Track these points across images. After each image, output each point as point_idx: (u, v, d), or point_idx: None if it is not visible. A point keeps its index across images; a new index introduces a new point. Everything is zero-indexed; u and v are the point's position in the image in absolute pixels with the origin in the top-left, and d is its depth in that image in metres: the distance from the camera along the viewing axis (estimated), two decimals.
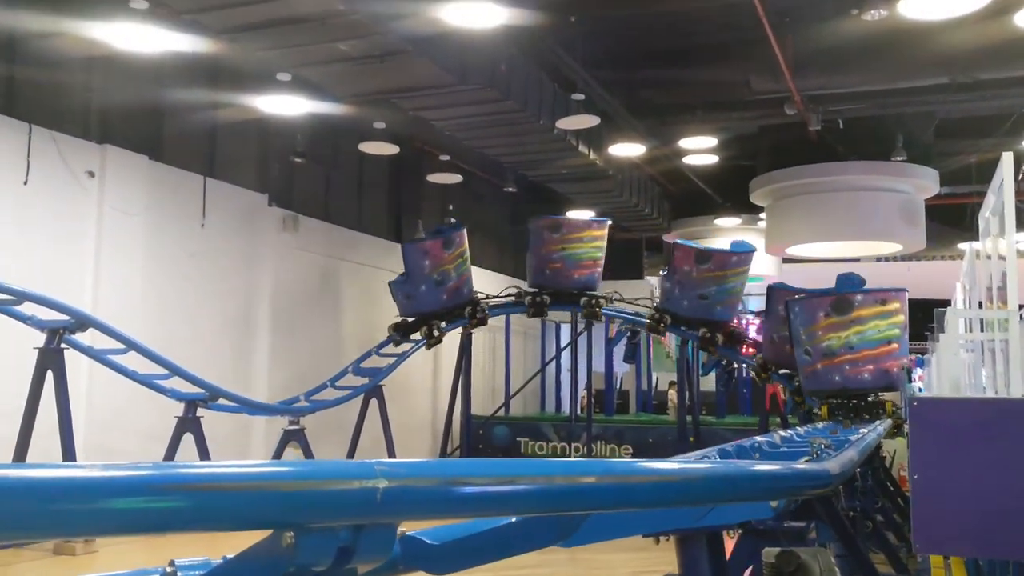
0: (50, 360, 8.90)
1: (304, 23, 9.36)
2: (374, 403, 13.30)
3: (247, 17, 9.32)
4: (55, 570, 8.23)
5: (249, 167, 13.90)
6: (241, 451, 12.71)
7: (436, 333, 13.51)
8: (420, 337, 13.67)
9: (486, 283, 16.40)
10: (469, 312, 13.81)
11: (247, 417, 12.09)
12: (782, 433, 5.68)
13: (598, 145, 15.33)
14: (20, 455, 8.54)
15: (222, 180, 13.16)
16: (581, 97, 12.90)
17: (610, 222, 15.16)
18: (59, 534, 1.29)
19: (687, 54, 13.78)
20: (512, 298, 14.42)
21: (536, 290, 14.37)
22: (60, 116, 10.80)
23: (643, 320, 14.14)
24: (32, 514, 1.24)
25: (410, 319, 13.89)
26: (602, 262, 14.73)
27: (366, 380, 13.08)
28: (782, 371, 12.59)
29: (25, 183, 10.17)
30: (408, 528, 1.80)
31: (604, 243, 14.75)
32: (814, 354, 10.21)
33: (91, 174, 11.02)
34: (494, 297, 14.38)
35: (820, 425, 7.89)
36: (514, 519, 2.15)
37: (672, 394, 17.95)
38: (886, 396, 10.06)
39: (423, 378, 17.03)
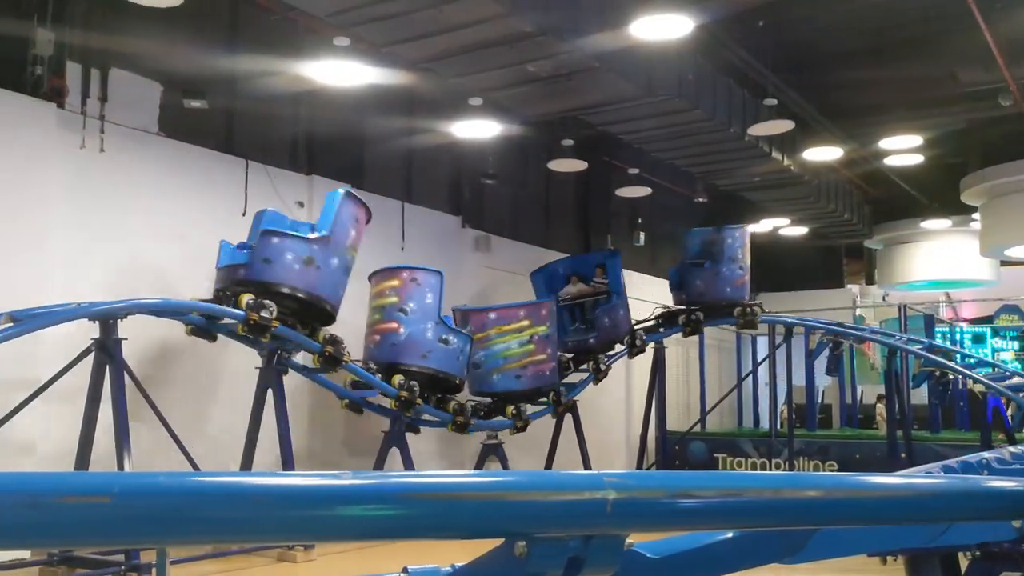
0: (270, 380, 9.48)
1: (494, 47, 9.63)
2: (568, 418, 13.35)
3: (440, 46, 9.69)
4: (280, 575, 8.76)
5: (443, 191, 14.40)
6: (440, 465, 13.10)
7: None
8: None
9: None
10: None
11: (446, 432, 12.45)
12: (1011, 449, 5.25)
13: (792, 150, 14.83)
14: (246, 468, 9.16)
15: (419, 204, 13.69)
16: (773, 102, 12.55)
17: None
18: (305, 538, 1.38)
19: (883, 51, 13.13)
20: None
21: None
22: (272, 151, 11.60)
23: (841, 329, 13.57)
24: (287, 519, 1.32)
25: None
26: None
27: None
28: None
29: (243, 215, 10.96)
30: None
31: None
32: (745, 269, 13.93)
33: (301, 204, 11.76)
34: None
35: None
36: (731, 534, 2.09)
37: (880, 408, 17.02)
38: None
39: (616, 394, 16.96)
